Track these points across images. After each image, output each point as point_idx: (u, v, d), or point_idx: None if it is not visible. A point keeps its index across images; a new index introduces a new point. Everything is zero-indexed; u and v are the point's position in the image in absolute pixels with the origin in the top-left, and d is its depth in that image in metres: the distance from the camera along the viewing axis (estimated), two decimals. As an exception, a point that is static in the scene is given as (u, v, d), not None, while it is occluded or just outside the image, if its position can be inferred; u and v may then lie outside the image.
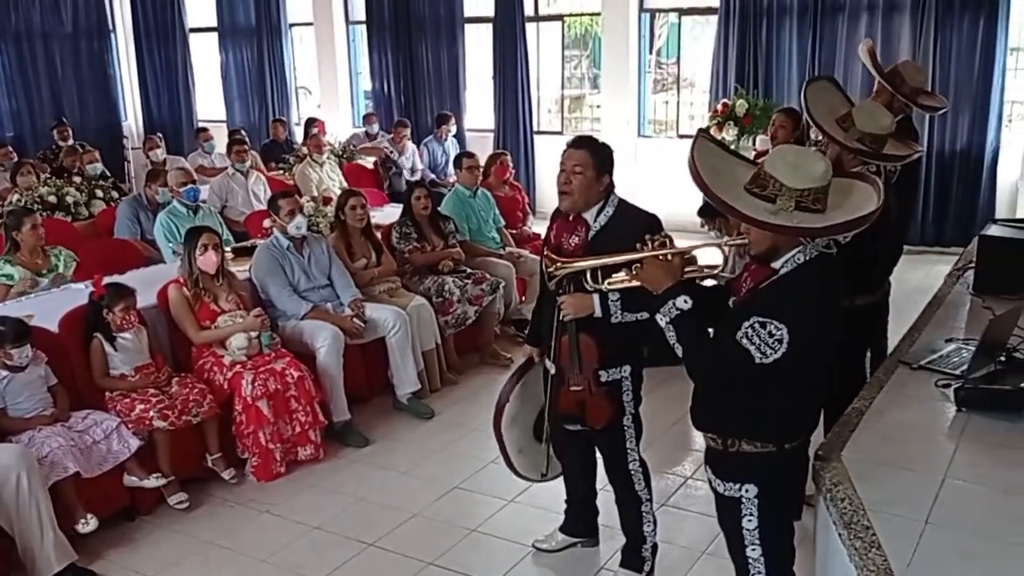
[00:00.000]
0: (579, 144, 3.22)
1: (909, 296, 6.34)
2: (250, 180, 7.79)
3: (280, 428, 4.45)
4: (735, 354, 2.36)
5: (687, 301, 2.48)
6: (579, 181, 3.14)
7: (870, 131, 3.45)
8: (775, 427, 2.53)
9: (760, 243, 2.41)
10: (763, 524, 2.57)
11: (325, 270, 5.17)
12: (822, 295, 2.42)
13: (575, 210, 3.21)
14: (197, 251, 4.56)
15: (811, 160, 2.37)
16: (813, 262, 2.41)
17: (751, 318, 2.34)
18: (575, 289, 3.15)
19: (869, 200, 2.43)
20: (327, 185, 8.52)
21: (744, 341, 2.34)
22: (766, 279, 2.44)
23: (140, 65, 13.39)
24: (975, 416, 2.89)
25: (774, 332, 2.31)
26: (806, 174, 2.31)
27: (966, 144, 8.32)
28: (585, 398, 3.23)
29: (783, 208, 2.32)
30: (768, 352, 2.32)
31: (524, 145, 10.70)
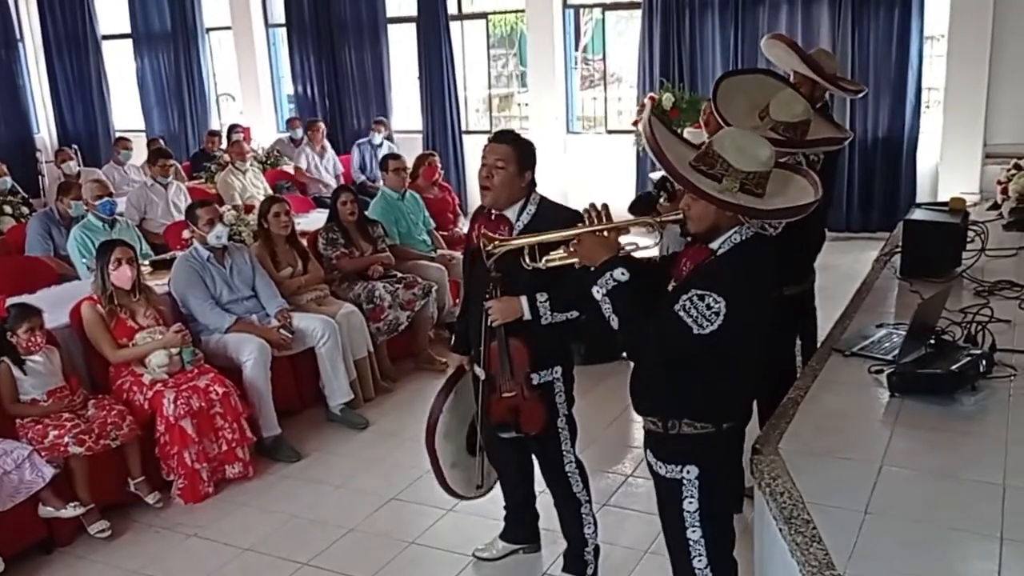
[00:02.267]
0: (501, 138, 3.15)
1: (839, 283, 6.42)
2: (170, 191, 7.54)
3: (206, 447, 4.28)
4: (672, 326, 2.37)
5: (624, 273, 2.47)
6: (501, 176, 3.07)
7: (783, 119, 3.42)
8: (712, 405, 2.56)
9: (702, 221, 2.43)
10: (703, 505, 2.59)
11: (248, 281, 5.00)
12: (759, 273, 2.47)
13: (496, 205, 3.14)
14: (110, 266, 4.35)
15: (758, 144, 2.41)
16: (750, 241, 2.44)
17: (690, 291, 2.36)
18: (502, 293, 3.09)
19: (806, 192, 2.49)
20: (251, 193, 8.29)
21: (681, 313, 2.34)
22: (705, 259, 2.46)
23: (51, 75, 12.94)
24: (908, 401, 2.88)
25: (712, 305, 2.32)
26: (752, 157, 2.35)
27: (887, 131, 8.49)
28: (519, 404, 3.15)
29: (728, 188, 2.36)
30: (705, 324, 2.33)
31: (453, 145, 10.60)
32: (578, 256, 2.59)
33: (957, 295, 3.81)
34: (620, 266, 2.48)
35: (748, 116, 3.55)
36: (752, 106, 3.58)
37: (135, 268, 4.43)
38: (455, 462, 3.46)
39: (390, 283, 5.67)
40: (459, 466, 3.47)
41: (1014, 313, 3.56)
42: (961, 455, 2.55)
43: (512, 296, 3.08)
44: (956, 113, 8.14)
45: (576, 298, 3.07)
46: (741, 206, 2.34)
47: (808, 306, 4.03)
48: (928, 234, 4.23)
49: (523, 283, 3.05)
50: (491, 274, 3.06)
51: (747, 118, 3.53)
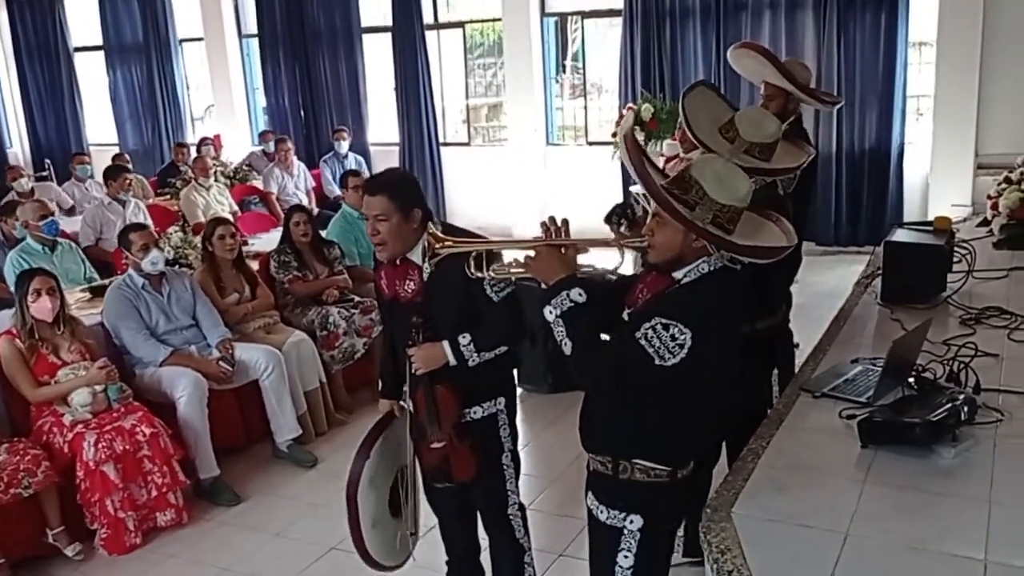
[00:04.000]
0: (373, 190, 2.84)
1: (823, 300, 6.13)
2: (128, 209, 7.23)
3: (133, 493, 3.96)
4: (632, 354, 2.17)
5: (581, 294, 2.24)
6: (386, 228, 2.79)
7: (757, 140, 3.06)
8: (671, 445, 2.35)
9: (666, 249, 2.24)
10: (639, 563, 2.38)
11: (188, 309, 4.68)
12: (728, 304, 2.29)
13: (397, 256, 2.88)
14: (29, 297, 4.04)
15: (738, 178, 2.22)
16: (717, 273, 2.24)
17: (653, 319, 2.14)
18: (424, 339, 2.85)
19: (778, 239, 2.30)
20: (215, 210, 7.98)
21: (643, 341, 2.15)
22: (666, 288, 2.26)
23: (24, 88, 12.65)
24: (882, 452, 2.58)
25: (677, 336, 2.13)
26: (732, 190, 2.18)
27: (874, 141, 8.18)
28: (448, 453, 2.86)
29: (700, 218, 2.15)
30: (667, 356, 2.14)
31: (431, 158, 10.30)
32: (532, 271, 2.34)
33: (942, 323, 3.52)
34: (577, 286, 2.25)
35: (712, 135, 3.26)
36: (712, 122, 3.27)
37: (57, 299, 4.12)
38: (376, 520, 3.12)
39: (346, 308, 5.36)
40: (380, 526, 3.13)
41: (1002, 345, 3.27)
42: (938, 522, 2.24)
43: (435, 341, 2.84)
44: (946, 122, 7.83)
45: (506, 332, 2.89)
46: (717, 236, 2.13)
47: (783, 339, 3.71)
48: (910, 257, 3.93)
49: (446, 326, 2.83)
50: (412, 319, 2.85)
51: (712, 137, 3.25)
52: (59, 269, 5.51)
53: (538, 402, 5.33)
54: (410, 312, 2.87)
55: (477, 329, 2.82)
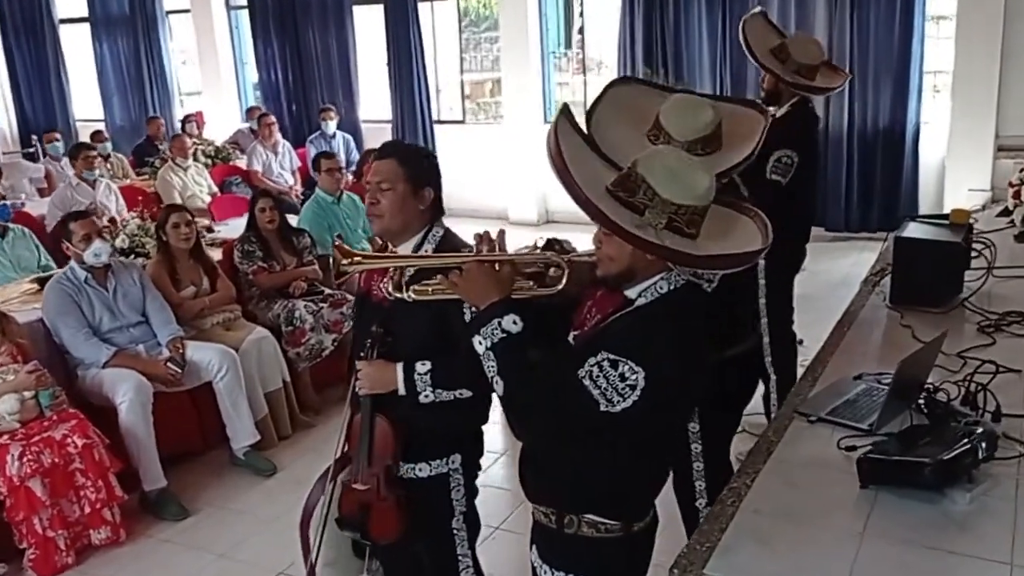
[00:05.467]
0: (384, 152, 2.43)
1: (833, 291, 5.74)
2: (98, 190, 6.87)
3: (64, 510, 3.63)
4: (574, 396, 1.79)
5: (516, 322, 1.88)
6: (388, 199, 2.34)
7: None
8: (620, 497, 1.99)
9: (615, 262, 1.85)
10: None
11: (137, 304, 4.32)
12: (689, 335, 1.89)
13: (389, 235, 2.43)
14: (-45, 298, 3.71)
15: (695, 172, 1.84)
16: (679, 293, 1.86)
17: (600, 353, 1.79)
18: (378, 354, 2.39)
19: (753, 238, 1.88)
20: (192, 191, 7.64)
21: (587, 381, 1.79)
22: (618, 310, 1.89)
23: (9, 61, 12.27)
24: (884, 495, 2.21)
25: (627, 375, 1.77)
26: (687, 187, 1.80)
27: (888, 121, 7.71)
28: (371, 502, 2.44)
29: (651, 223, 1.79)
30: (616, 399, 1.78)
31: (424, 136, 9.88)
32: (459, 291, 1.98)
33: (958, 330, 3.13)
34: (511, 312, 1.89)
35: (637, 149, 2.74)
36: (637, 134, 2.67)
37: (-16, 297, 3.78)
38: (334, 559, 2.73)
39: (314, 302, 4.99)
40: (338, 566, 2.74)
41: (1027, 357, 2.88)
42: (949, 591, 1.88)
43: (390, 361, 2.37)
44: (965, 100, 7.33)
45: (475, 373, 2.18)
46: (664, 247, 1.74)
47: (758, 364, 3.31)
48: (923, 255, 3.51)
49: (408, 345, 2.36)
50: (372, 329, 2.39)
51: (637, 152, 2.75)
52: (10, 256, 5.21)
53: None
54: (376, 316, 2.44)
55: (441, 359, 2.34)
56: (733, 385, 2.99)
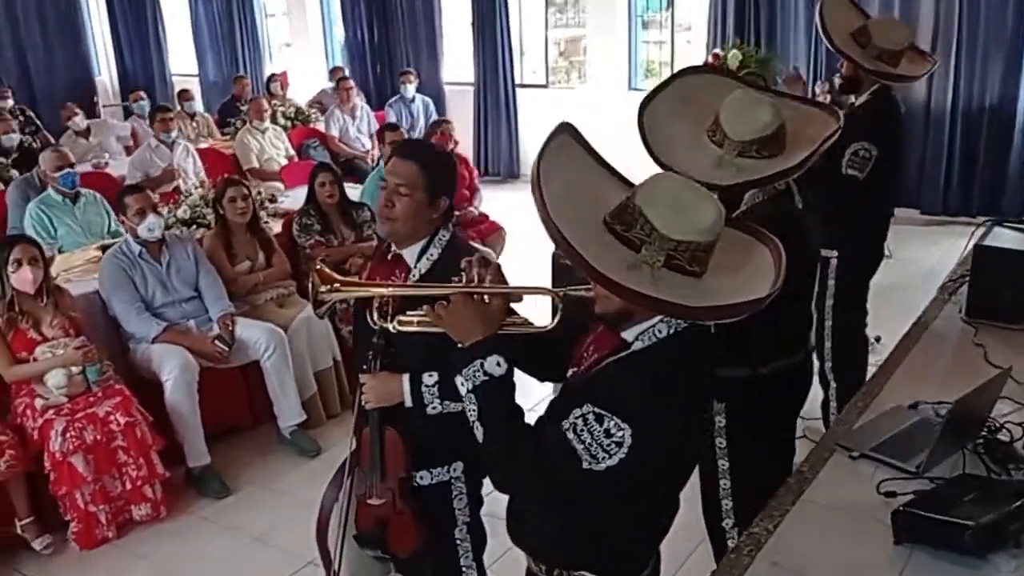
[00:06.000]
0: (406, 153, 2.34)
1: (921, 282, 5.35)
2: (176, 153, 6.95)
3: (106, 485, 3.68)
4: (556, 450, 1.64)
5: (501, 364, 1.72)
6: (404, 205, 2.26)
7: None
8: (614, 555, 1.84)
9: (610, 300, 1.65)
10: None
11: (190, 279, 4.34)
12: (687, 387, 1.69)
13: (399, 241, 2.36)
14: (9, 267, 3.75)
15: (700, 204, 1.61)
16: (680, 337, 1.68)
17: (585, 405, 1.62)
18: (382, 367, 2.31)
19: (765, 275, 1.66)
20: (269, 155, 7.66)
21: (571, 434, 1.62)
22: (613, 353, 1.70)
23: (111, 16, 12.51)
24: (920, 554, 2.01)
25: (613, 432, 1.59)
26: (689, 222, 1.58)
27: (996, 99, 7.13)
28: (388, 516, 2.38)
29: (648, 261, 1.58)
30: (601, 456, 1.60)
31: (506, 100, 9.71)
32: (444, 325, 1.81)
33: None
34: (496, 352, 1.72)
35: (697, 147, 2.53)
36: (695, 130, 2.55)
37: (40, 269, 3.82)
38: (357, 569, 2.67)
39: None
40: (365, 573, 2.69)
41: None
42: None
43: (395, 373, 2.30)
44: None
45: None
46: (648, 297, 1.52)
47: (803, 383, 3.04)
48: (1005, 266, 3.22)
49: (412, 356, 2.27)
50: (374, 340, 2.30)
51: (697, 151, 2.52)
52: (81, 221, 5.29)
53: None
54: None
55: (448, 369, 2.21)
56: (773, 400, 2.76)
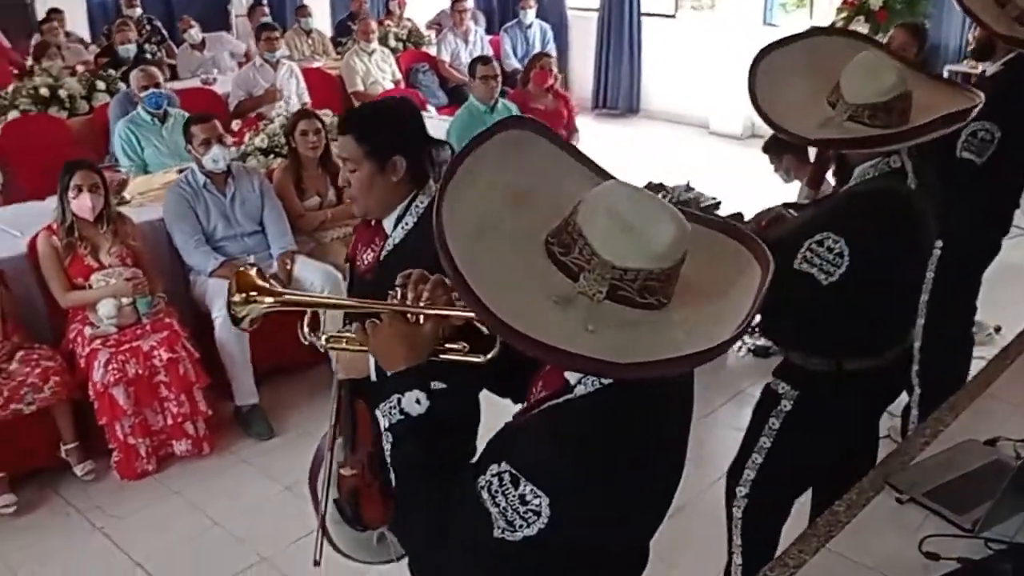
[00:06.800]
0: (342, 127, 2.22)
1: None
2: (280, 72, 6.87)
3: (148, 418, 3.68)
4: (468, 510, 1.35)
5: (421, 401, 1.44)
6: (356, 180, 2.18)
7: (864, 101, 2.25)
8: None
9: None
10: None
11: (254, 213, 4.25)
12: (632, 453, 1.33)
13: (371, 214, 2.28)
14: (69, 192, 3.74)
15: (657, 221, 1.25)
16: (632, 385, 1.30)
17: (502, 462, 1.33)
18: None
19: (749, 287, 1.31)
20: (375, 78, 7.51)
21: (485, 494, 1.33)
22: (554, 396, 1.38)
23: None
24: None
25: (529, 499, 1.30)
26: (639, 244, 1.24)
27: None
28: (359, 486, 2.23)
29: (587, 291, 1.25)
30: (518, 524, 1.31)
31: (630, 30, 9.17)
32: (370, 346, 1.56)
33: None
34: (418, 388, 1.45)
35: (811, 107, 2.34)
36: (814, 91, 2.36)
37: (100, 196, 3.79)
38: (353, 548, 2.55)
39: (440, 222, 4.73)
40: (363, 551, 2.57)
41: None
42: None
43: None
44: None
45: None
46: (567, 353, 1.19)
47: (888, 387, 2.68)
48: None
49: None
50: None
51: (810, 111, 2.33)
52: (168, 142, 5.29)
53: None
54: (359, 290, 2.27)
55: None
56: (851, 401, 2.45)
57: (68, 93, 6.18)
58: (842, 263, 2.20)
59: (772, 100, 2.36)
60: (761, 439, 2.56)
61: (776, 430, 2.54)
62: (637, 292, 1.25)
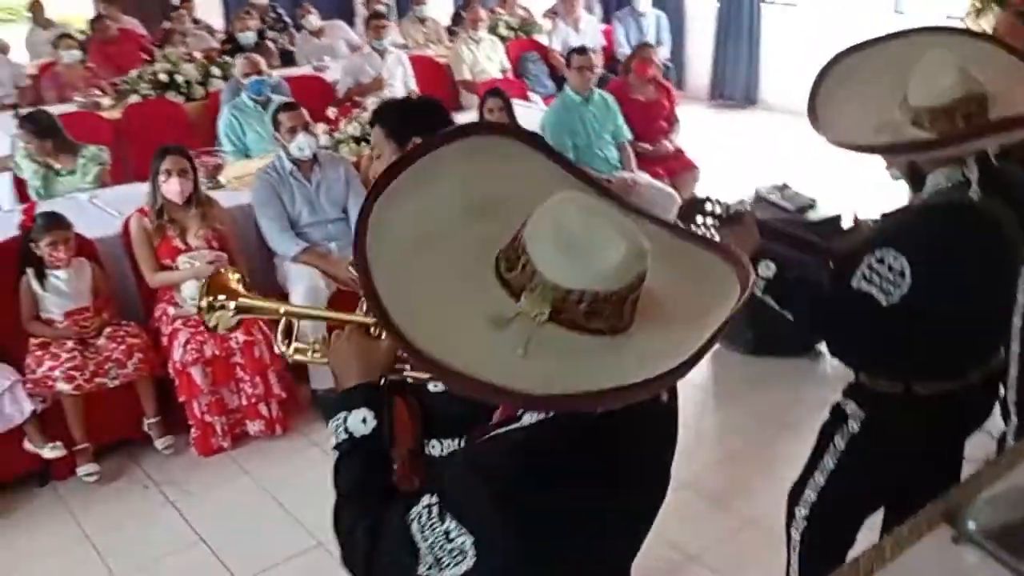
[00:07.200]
0: (371, 121, 2.25)
1: None
2: (387, 60, 6.95)
3: (224, 398, 3.79)
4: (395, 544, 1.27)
5: (367, 420, 1.39)
6: (381, 167, 2.09)
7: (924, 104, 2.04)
8: None
9: None
10: None
11: (339, 200, 4.30)
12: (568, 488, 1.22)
13: None
14: (160, 176, 3.88)
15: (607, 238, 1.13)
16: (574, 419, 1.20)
17: (434, 493, 1.24)
18: None
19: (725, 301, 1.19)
20: (482, 67, 7.49)
21: (415, 527, 1.24)
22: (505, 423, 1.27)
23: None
24: None
25: (453, 536, 1.21)
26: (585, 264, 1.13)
27: None
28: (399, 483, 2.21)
29: (529, 312, 1.14)
30: (445, 562, 1.22)
31: (750, 18, 8.85)
32: (330, 359, 1.53)
33: None
34: (366, 406, 1.40)
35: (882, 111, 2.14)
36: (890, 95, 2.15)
37: (189, 181, 3.92)
38: None
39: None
40: None
41: None
42: None
43: None
44: None
45: None
46: (466, 379, 1.08)
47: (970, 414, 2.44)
48: None
49: None
50: None
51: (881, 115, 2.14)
52: (269, 128, 5.40)
53: (733, 363, 4.37)
54: None
55: None
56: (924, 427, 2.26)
57: (185, 79, 6.43)
58: (903, 283, 2.01)
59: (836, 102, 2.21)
60: (825, 459, 2.42)
61: (841, 451, 2.39)
62: (583, 315, 1.14)
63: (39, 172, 4.66)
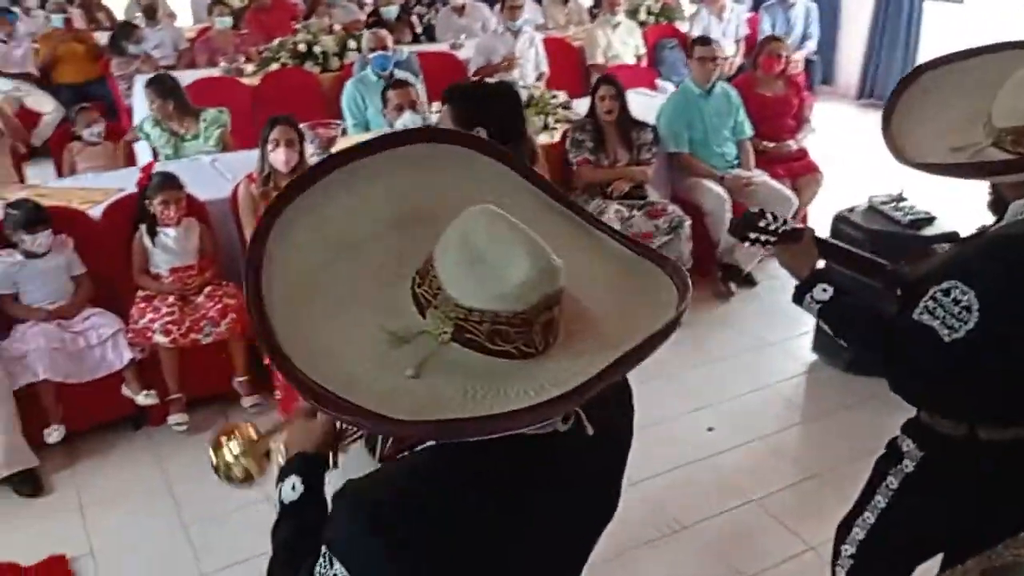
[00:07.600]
0: (443, 99, 2.28)
1: None
2: (520, 40, 6.95)
3: (307, 363, 3.92)
4: None
5: (296, 488, 1.41)
6: None
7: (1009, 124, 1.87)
8: None
9: None
10: None
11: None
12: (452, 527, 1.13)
13: None
14: (268, 145, 4.03)
15: (515, 256, 1.07)
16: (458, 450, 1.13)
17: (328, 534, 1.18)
18: None
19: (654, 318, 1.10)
20: (616, 51, 7.39)
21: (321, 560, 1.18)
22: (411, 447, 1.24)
23: None
24: None
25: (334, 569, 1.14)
26: (487, 282, 1.08)
27: None
28: None
29: (433, 330, 1.10)
30: None
31: (908, 15, 8.34)
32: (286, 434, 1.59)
33: None
34: (296, 473, 1.43)
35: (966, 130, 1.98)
36: (974, 114, 1.98)
37: (296, 152, 4.05)
38: None
39: (627, 207, 4.59)
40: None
41: None
42: None
43: None
44: None
45: None
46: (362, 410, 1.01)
47: None
48: None
49: None
50: None
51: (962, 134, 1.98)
52: (389, 105, 5.52)
53: (830, 377, 4.18)
54: None
55: None
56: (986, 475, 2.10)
57: (322, 50, 6.64)
58: (969, 319, 1.84)
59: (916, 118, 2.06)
60: (876, 497, 2.27)
61: (894, 490, 2.24)
62: (486, 337, 1.07)
63: (165, 138, 4.93)
